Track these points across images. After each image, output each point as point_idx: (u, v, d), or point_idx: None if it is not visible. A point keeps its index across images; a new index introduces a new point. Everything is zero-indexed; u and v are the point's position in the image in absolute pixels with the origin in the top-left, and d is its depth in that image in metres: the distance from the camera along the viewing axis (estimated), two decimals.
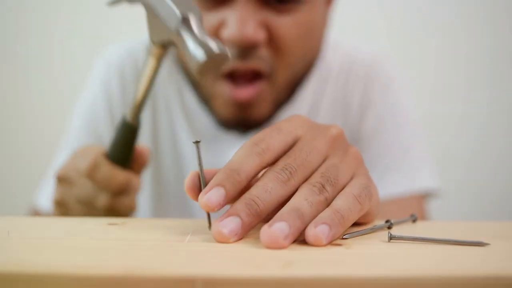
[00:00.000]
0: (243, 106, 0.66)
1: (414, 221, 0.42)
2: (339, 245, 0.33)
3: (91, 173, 0.52)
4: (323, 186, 0.35)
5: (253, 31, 0.60)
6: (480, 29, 1.51)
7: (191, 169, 0.75)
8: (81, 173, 0.52)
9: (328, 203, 0.35)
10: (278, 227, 0.32)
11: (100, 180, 0.52)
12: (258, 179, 0.36)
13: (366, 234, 0.36)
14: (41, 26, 1.53)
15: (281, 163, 0.36)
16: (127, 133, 0.53)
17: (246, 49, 0.61)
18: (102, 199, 0.52)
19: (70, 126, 0.78)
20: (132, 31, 0.84)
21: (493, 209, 1.49)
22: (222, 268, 0.28)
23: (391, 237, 0.34)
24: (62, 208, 0.55)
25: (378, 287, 0.26)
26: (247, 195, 0.34)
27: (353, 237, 0.35)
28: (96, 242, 0.33)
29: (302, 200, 0.34)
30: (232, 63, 0.62)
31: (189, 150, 0.75)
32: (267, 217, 0.35)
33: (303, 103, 0.74)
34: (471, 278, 0.27)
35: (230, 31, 0.60)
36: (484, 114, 1.53)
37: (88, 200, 0.53)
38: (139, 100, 0.51)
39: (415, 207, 0.71)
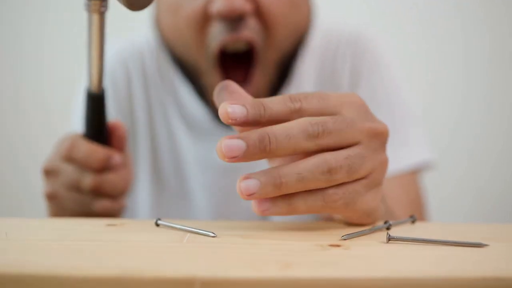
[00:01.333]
0: None
1: (413, 222, 0.42)
2: (338, 246, 0.33)
3: (69, 155, 0.52)
4: (340, 168, 0.34)
5: (241, 3, 0.61)
6: (480, 28, 1.51)
7: (190, 166, 0.74)
8: (62, 159, 0.52)
9: (331, 185, 0.34)
10: (246, 184, 0.32)
11: (80, 159, 0.52)
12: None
13: (365, 235, 0.36)
14: (40, 25, 1.53)
15: (319, 118, 0.34)
16: (94, 104, 0.52)
17: (235, 20, 0.62)
18: (87, 180, 0.52)
19: (73, 118, 0.77)
20: (131, 31, 0.84)
21: (492, 210, 1.49)
22: (220, 269, 0.27)
23: (389, 238, 0.34)
24: (54, 201, 0.54)
25: None
26: (266, 129, 0.33)
27: (352, 238, 0.35)
28: (94, 243, 0.33)
29: (296, 171, 0.33)
30: (223, 36, 0.63)
31: (186, 147, 0.75)
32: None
33: (293, 87, 0.73)
34: (470, 279, 0.27)
35: (219, 4, 0.61)
36: (484, 114, 1.53)
37: (74, 184, 0.52)
38: (96, 65, 0.49)
39: (408, 185, 0.70)
